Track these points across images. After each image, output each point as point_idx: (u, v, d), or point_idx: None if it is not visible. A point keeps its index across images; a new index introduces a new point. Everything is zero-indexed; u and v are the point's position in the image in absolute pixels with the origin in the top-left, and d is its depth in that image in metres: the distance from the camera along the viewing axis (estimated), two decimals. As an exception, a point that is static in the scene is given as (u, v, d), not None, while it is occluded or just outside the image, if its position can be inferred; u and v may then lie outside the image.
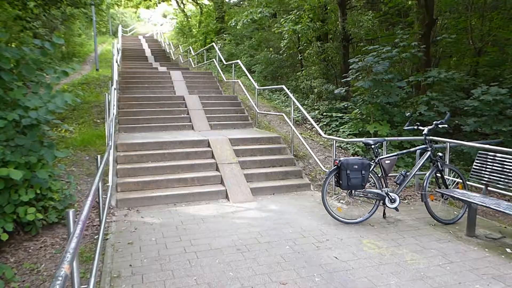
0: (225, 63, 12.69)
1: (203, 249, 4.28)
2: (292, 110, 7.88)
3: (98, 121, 8.66)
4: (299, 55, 14.82)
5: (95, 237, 4.59)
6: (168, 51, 22.32)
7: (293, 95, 7.77)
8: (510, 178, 4.67)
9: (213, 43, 15.08)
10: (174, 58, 20.57)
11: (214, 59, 13.04)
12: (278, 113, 9.25)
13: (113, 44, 13.55)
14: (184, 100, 9.86)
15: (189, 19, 28.34)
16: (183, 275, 3.68)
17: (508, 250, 4.29)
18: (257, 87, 9.63)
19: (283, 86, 8.57)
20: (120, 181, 6.03)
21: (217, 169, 6.64)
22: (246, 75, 10.80)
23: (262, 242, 4.47)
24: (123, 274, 3.69)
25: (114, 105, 7.12)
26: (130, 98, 9.54)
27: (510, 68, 13.68)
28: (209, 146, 7.15)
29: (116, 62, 10.66)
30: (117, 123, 8.43)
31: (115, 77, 9.12)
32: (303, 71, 13.55)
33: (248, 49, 17.82)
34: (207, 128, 8.88)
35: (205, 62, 15.01)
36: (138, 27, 40.29)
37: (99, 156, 4.46)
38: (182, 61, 19.55)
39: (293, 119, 7.99)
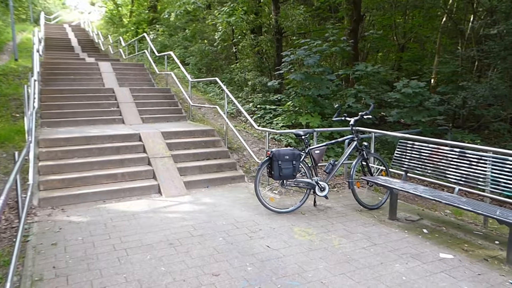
0: (157, 54, 12.34)
1: (133, 245, 4.15)
2: (226, 102, 7.88)
3: (18, 115, 8.04)
4: (234, 48, 14.83)
5: (14, 240, 4.28)
6: (96, 41, 21.24)
7: (227, 88, 7.80)
8: (426, 164, 5.05)
9: (145, 34, 14.58)
10: (103, 49, 19.62)
11: (146, 51, 12.62)
12: (212, 106, 9.20)
13: (34, 32, 12.61)
14: (113, 92, 9.46)
15: (120, 8, 27.14)
16: (112, 273, 3.55)
17: (425, 230, 4.64)
18: (190, 79, 9.49)
19: (217, 79, 8.52)
20: (43, 179, 5.66)
21: (149, 164, 6.46)
22: (180, 67, 10.59)
23: (195, 235, 4.44)
24: (46, 277, 3.48)
25: (35, 98, 6.66)
26: (54, 90, 8.96)
27: (429, 63, 14.77)
28: (140, 140, 6.94)
29: (38, 52, 9.95)
30: (39, 117, 7.89)
31: (36, 67, 8.53)
32: (237, 64, 13.58)
33: (182, 41, 17.49)
34: (139, 122, 8.60)
35: (137, 53, 14.49)
36: (63, 15, 37.80)
37: (16, 153, 4.14)
38: (112, 52, 18.72)
39: (227, 112, 8.00)
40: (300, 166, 5.22)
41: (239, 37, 14.02)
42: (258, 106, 10.52)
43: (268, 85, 10.58)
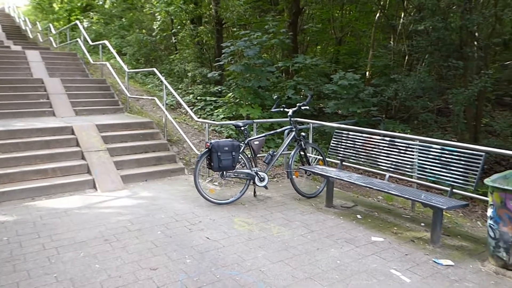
0: (91, 43, 11.74)
1: (65, 243, 3.95)
2: (165, 94, 7.69)
3: None
4: (173, 38, 14.50)
5: None
6: (24, 28, 19.78)
7: (167, 79, 7.61)
8: (360, 153, 5.28)
9: (78, 22, 13.81)
10: (31, 37, 18.33)
11: (79, 39, 11.96)
12: (150, 97, 8.94)
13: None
14: (43, 83, 8.88)
15: (50, -6, 25.44)
16: (41, 273, 3.35)
17: (358, 216, 4.86)
18: (127, 70, 9.15)
19: (155, 69, 8.29)
20: (-38, 176, 5.21)
21: (83, 158, 6.17)
22: (116, 57, 10.16)
23: (133, 230, 4.32)
24: (-36, 282, 3.21)
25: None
26: (-26, 80, 8.24)
27: (365, 56, 15.39)
28: (73, 133, 6.59)
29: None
30: (-43, 110, 7.23)
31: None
32: (177, 55, 13.30)
33: (118, 30, 16.79)
34: (71, 114, 8.16)
35: (69, 42, 13.70)
36: (-14, 0, 34.79)
37: None
38: (41, 40, 17.53)
39: (167, 104, 7.82)
40: (239, 157, 5.23)
41: (179, 27, 13.74)
42: (198, 97, 10.40)
43: (209, 77, 10.48)
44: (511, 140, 9.55)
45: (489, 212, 3.57)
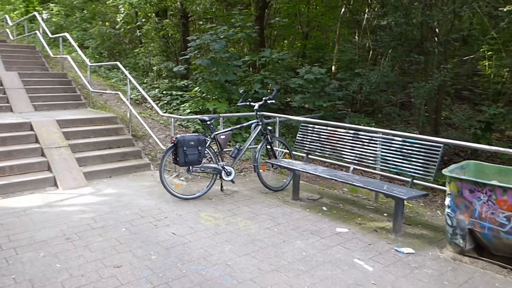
0: (51, 36, 11.29)
1: (24, 243, 3.81)
2: (129, 88, 7.52)
3: None
4: (138, 31, 14.18)
5: None
6: (-22, 19, 18.79)
7: (132, 73, 7.45)
8: (325, 146, 5.36)
9: (36, 13, 13.25)
10: (-14, 29, 17.44)
11: (37, 31, 11.48)
12: (114, 92, 8.72)
13: None
14: (-1, 77, 8.48)
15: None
16: (-2, 275, 3.22)
17: (324, 208, 4.94)
18: (89, 63, 8.88)
19: (118, 63, 8.09)
20: None
21: (43, 155, 5.95)
22: (77, 50, 9.83)
23: (96, 227, 4.21)
24: None
25: None
26: None
27: (330, 51, 15.61)
28: (32, 129, 6.34)
29: None
30: None
31: None
32: (142, 48, 13.03)
33: (80, 22, 16.23)
34: (30, 110, 7.84)
35: (27, 34, 13.13)
36: None
37: None
38: (-3, 33, 16.71)
39: (132, 98, 7.65)
40: (206, 151, 5.20)
41: (143, 20, 13.45)
42: (164, 92, 10.24)
43: (174, 71, 10.33)
44: (469, 132, 9.95)
45: (447, 201, 3.71)
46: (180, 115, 8.92)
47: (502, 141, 10.95)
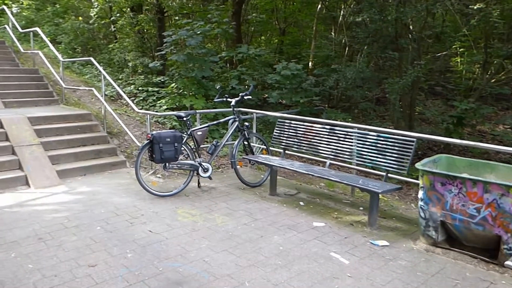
0: (21, 30, 10.95)
1: (-6, 244, 3.70)
2: (103, 84, 7.37)
3: None
4: (112, 26, 13.91)
5: None
6: None
7: (106, 69, 7.30)
8: (302, 142, 5.40)
9: (4, 6, 12.82)
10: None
11: (7, 26, 11.12)
12: (88, 88, 8.54)
13: None
14: (-34, 73, 8.18)
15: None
16: (-34, 278, 3.12)
17: (301, 203, 4.98)
18: (61, 59, 8.66)
19: (92, 59, 7.91)
20: None
21: (14, 153, 5.77)
22: (49, 46, 9.57)
23: (70, 226, 4.12)
24: None
25: None
26: None
27: (307, 47, 15.70)
28: (1, 127, 6.13)
29: None
30: None
31: None
32: (116, 44, 12.79)
33: (52, 17, 15.79)
34: (0, 107, 7.59)
35: (-4, 29, 12.70)
36: None
37: None
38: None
39: (107, 95, 7.51)
40: (182, 148, 5.15)
41: (118, 15, 13.19)
42: (140, 88, 10.08)
43: (150, 67, 10.19)
44: (441, 127, 10.20)
45: (420, 194, 3.80)
46: (156, 111, 8.81)
47: (474, 135, 11.27)
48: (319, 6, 14.17)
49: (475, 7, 8.66)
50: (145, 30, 13.04)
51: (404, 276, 3.24)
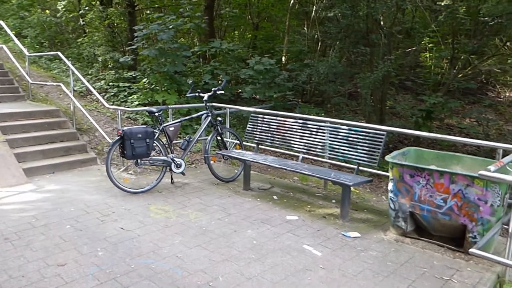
0: (-17, 24, 10.51)
1: (-43, 246, 3.55)
2: (72, 80, 7.18)
3: None
4: (81, 20, 13.53)
5: None
6: None
7: (75, 64, 7.10)
8: (275, 136, 5.42)
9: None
10: None
11: (-32, 19, 10.65)
12: (56, 84, 8.28)
13: None
14: None
15: None
16: None
17: (275, 197, 5.00)
18: (27, 54, 8.37)
19: (59, 53, 7.68)
20: None
21: (-23, 151, 5.56)
22: (13, 39, 9.23)
23: (38, 226, 4.01)
24: None
25: None
26: None
27: (281, 42, 15.73)
28: (-36, 123, 5.90)
29: None
30: None
31: None
32: (85, 38, 12.46)
33: (17, 10, 15.21)
34: (-38, 103, 7.29)
35: (-43, 22, 12.13)
36: None
37: None
38: None
39: (75, 90, 7.31)
40: (154, 144, 5.08)
41: (86, 8, 12.83)
42: (110, 83, 9.85)
43: (121, 61, 9.96)
44: (411, 120, 10.45)
45: (390, 186, 3.88)
46: (128, 107, 8.65)
47: (442, 128, 11.61)
48: (292, 1, 14.21)
49: (443, 3, 8.90)
50: (115, 24, 12.74)
51: (375, 266, 3.31)
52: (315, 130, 5.08)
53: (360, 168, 4.68)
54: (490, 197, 3.27)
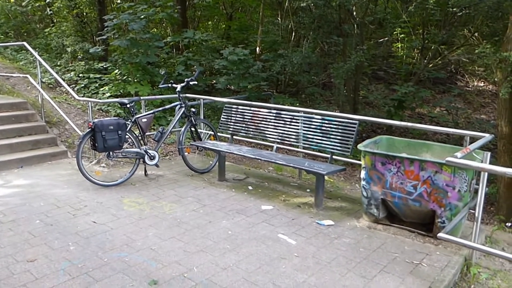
0: None
1: None
2: (39, 71, 6.94)
3: None
4: (48, 9, 13.08)
5: None
6: None
7: (43, 55, 6.86)
8: (249, 126, 5.41)
9: None
10: None
11: None
12: (23, 75, 8.00)
13: None
14: None
15: None
16: None
17: (250, 187, 5.01)
18: (-9, 44, 8.05)
19: (25, 43, 7.40)
20: None
21: None
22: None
23: (6, 221, 3.89)
24: None
25: None
26: None
27: (254, 32, 15.66)
28: None
29: None
30: None
31: None
32: (53, 28, 12.06)
33: (-21, -2, 14.59)
34: None
35: None
36: None
37: None
38: None
39: (43, 82, 7.08)
40: (127, 136, 4.99)
41: (54, -3, 12.41)
42: (81, 75, 9.59)
43: (91, 52, 9.70)
44: (384, 109, 10.64)
45: (362, 174, 3.95)
46: (99, 99, 8.45)
47: (413, 117, 11.88)
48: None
49: (413, -6, 9.04)
50: (84, 14, 12.37)
51: (348, 252, 3.37)
52: (289, 120, 5.11)
53: (334, 157, 4.74)
54: (458, 183, 3.37)
